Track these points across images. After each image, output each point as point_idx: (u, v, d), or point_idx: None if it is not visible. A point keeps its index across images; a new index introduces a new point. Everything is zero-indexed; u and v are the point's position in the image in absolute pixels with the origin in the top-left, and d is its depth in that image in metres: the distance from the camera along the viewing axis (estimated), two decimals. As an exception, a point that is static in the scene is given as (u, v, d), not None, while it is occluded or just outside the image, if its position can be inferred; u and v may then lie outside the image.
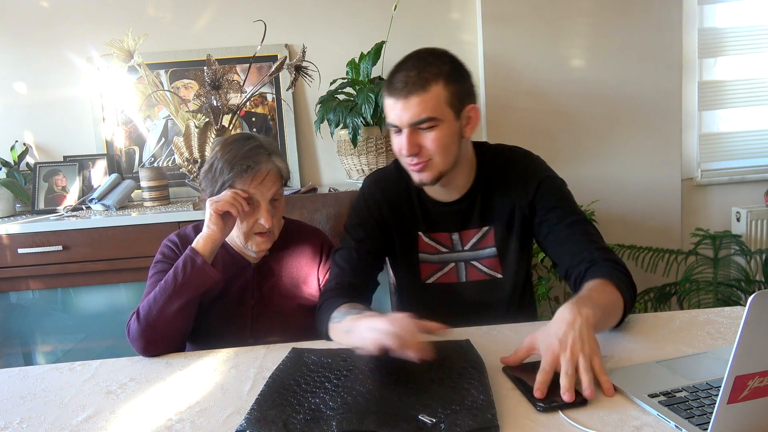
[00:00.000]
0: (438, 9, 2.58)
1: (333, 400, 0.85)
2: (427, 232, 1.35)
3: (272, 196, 1.29)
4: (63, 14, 2.53)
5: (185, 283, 1.19)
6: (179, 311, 1.18)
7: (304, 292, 1.39)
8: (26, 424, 0.91)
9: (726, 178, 2.70)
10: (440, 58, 1.21)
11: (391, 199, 1.35)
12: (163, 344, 1.18)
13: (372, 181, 1.39)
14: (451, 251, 1.34)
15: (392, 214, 1.34)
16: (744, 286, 2.39)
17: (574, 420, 0.81)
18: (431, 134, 1.18)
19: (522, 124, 2.56)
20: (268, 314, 1.34)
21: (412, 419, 0.79)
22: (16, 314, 2.34)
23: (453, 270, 1.35)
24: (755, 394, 0.69)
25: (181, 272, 1.20)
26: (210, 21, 2.56)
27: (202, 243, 1.23)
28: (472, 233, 1.34)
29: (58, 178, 2.44)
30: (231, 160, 1.25)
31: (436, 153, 1.19)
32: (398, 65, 1.21)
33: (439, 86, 1.16)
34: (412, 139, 1.18)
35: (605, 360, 0.98)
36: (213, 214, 1.23)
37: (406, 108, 1.16)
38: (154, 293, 1.20)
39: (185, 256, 1.22)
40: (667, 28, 2.53)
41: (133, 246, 2.14)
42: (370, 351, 0.92)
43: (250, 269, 1.37)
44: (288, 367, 0.98)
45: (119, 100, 2.56)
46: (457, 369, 0.93)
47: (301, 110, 2.63)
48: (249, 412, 0.84)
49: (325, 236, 1.47)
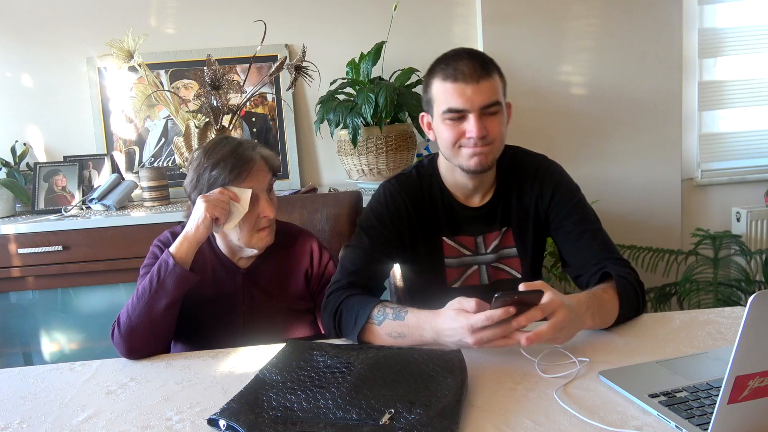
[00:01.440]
0: (438, 9, 2.58)
1: (307, 401, 0.85)
2: (452, 236, 1.34)
3: (267, 186, 1.30)
4: (64, 14, 2.53)
5: (160, 287, 1.17)
6: (158, 315, 1.17)
7: (294, 296, 1.38)
8: (26, 424, 0.91)
9: (726, 178, 2.70)
10: (486, 55, 1.28)
11: (415, 202, 1.34)
12: (146, 348, 1.17)
13: (395, 185, 1.36)
14: (475, 254, 1.35)
15: (416, 219, 1.33)
16: (744, 287, 2.39)
17: (574, 420, 0.81)
18: (496, 119, 1.23)
19: (522, 124, 2.56)
20: (259, 319, 1.33)
21: (373, 428, 0.79)
22: (16, 314, 2.34)
23: (476, 273, 1.35)
24: (755, 394, 0.69)
25: (156, 276, 1.18)
26: (210, 21, 2.56)
27: (178, 244, 1.22)
28: (494, 236, 1.35)
29: (58, 178, 2.44)
30: (219, 162, 1.25)
31: (498, 138, 1.24)
32: (454, 57, 1.23)
33: (497, 76, 1.24)
34: (481, 122, 1.21)
35: (606, 362, 0.98)
36: (208, 217, 1.21)
37: (477, 92, 1.20)
38: (132, 301, 1.19)
39: (161, 259, 1.21)
40: (667, 28, 2.53)
41: (133, 246, 2.13)
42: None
43: (240, 274, 1.36)
44: (279, 361, 0.98)
45: (119, 100, 2.56)
46: (437, 379, 0.91)
47: (301, 110, 2.63)
48: (227, 403, 0.86)
49: (314, 238, 1.45)
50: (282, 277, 1.38)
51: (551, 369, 0.97)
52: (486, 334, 0.94)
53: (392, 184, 1.36)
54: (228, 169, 1.24)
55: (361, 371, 0.91)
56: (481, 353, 1.02)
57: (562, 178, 1.35)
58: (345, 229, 1.66)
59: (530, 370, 0.97)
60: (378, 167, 2.28)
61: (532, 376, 0.95)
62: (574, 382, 0.93)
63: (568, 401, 0.86)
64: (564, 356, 1.01)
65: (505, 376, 0.96)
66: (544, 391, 0.90)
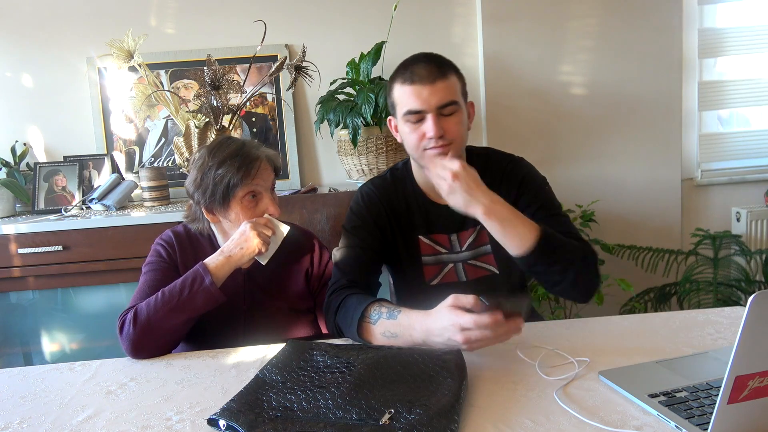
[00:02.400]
0: (438, 9, 2.57)
1: (307, 401, 0.85)
2: (427, 234, 1.37)
3: (270, 185, 1.32)
4: (64, 14, 2.53)
5: (190, 299, 1.17)
6: (179, 324, 1.17)
7: (295, 295, 1.38)
8: (26, 424, 0.91)
9: (726, 178, 2.70)
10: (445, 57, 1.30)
11: (390, 202, 1.38)
12: (153, 350, 1.17)
13: (370, 187, 1.42)
14: (450, 252, 1.37)
15: (393, 218, 1.37)
16: (744, 286, 2.39)
17: (574, 420, 0.81)
18: (453, 118, 1.26)
19: (522, 124, 2.56)
20: (260, 318, 1.34)
21: (373, 428, 0.79)
22: (16, 314, 2.34)
23: (452, 270, 1.37)
24: (755, 394, 0.69)
25: (188, 288, 1.17)
26: (210, 21, 2.56)
27: (219, 264, 1.21)
28: (468, 234, 1.37)
29: (59, 178, 2.44)
30: (225, 161, 1.26)
31: (457, 136, 1.26)
32: (412, 61, 1.28)
33: (454, 77, 1.27)
34: (438, 123, 1.24)
35: (606, 362, 0.97)
36: (258, 249, 1.22)
37: (433, 92, 1.23)
38: (155, 301, 1.17)
39: (195, 271, 1.20)
40: (667, 28, 2.53)
41: (133, 246, 2.13)
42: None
43: (241, 274, 1.36)
44: (279, 361, 0.98)
45: (119, 100, 2.56)
46: (437, 379, 0.91)
47: (301, 110, 2.63)
48: (227, 403, 0.86)
49: (315, 237, 1.46)
50: (283, 276, 1.38)
51: (551, 369, 0.97)
52: (474, 334, 0.95)
53: (368, 186, 1.43)
54: (235, 167, 1.25)
55: (361, 371, 0.91)
56: (481, 353, 1.02)
57: (528, 171, 1.39)
58: (345, 229, 1.66)
59: (530, 370, 0.97)
60: (378, 167, 2.28)
61: (532, 376, 0.95)
62: (574, 382, 0.93)
63: (568, 401, 0.86)
64: (564, 357, 1.01)
65: (505, 376, 0.96)
66: (543, 391, 0.90)
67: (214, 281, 1.18)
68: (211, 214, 1.32)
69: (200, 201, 1.30)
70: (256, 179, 1.28)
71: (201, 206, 1.31)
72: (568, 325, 1.19)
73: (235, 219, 1.29)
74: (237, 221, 1.29)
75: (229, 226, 1.32)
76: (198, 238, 1.39)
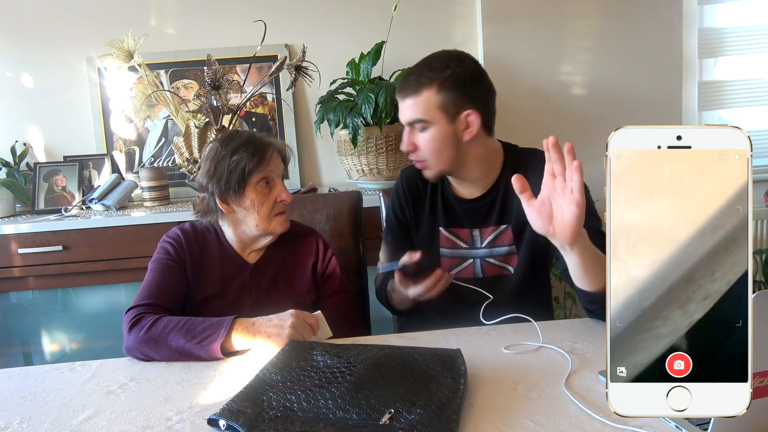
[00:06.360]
0: (438, 9, 2.57)
1: (307, 401, 0.85)
2: (448, 227, 1.39)
3: (281, 173, 1.35)
4: (64, 14, 2.53)
5: (199, 345, 1.10)
6: (181, 354, 1.12)
7: (301, 290, 1.39)
8: (26, 424, 0.91)
9: (726, 178, 2.70)
10: (445, 63, 1.26)
11: (413, 194, 1.43)
12: (149, 359, 1.13)
13: (401, 177, 1.47)
14: (470, 248, 1.37)
15: (413, 210, 1.42)
16: (744, 286, 2.39)
17: (574, 420, 0.81)
18: (423, 135, 1.27)
19: (522, 124, 2.56)
20: (265, 313, 1.33)
21: (373, 428, 0.79)
22: (16, 314, 2.34)
23: (470, 266, 1.38)
24: (755, 394, 0.69)
25: (208, 335, 1.10)
26: (210, 21, 2.56)
27: (244, 331, 1.11)
28: (489, 230, 1.37)
29: (59, 178, 2.44)
30: (239, 148, 1.29)
31: (429, 154, 1.28)
32: (413, 66, 1.31)
33: (431, 91, 1.24)
34: (409, 137, 1.28)
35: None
36: (288, 339, 1.09)
37: (402, 108, 1.28)
38: (178, 323, 1.12)
39: (221, 323, 1.12)
40: (668, 28, 2.53)
41: (133, 246, 2.14)
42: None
43: (248, 269, 1.37)
44: (279, 360, 0.98)
45: (119, 100, 2.56)
46: (437, 379, 0.91)
47: (301, 110, 2.63)
48: (227, 403, 0.86)
49: (319, 235, 1.48)
50: (289, 271, 1.40)
51: (551, 369, 0.97)
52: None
53: (401, 175, 1.48)
54: (249, 153, 1.28)
55: (361, 371, 0.91)
56: (481, 354, 1.02)
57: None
58: (345, 229, 1.67)
59: (530, 370, 0.97)
60: (378, 167, 2.28)
61: (532, 376, 0.95)
62: (574, 382, 0.93)
63: (569, 401, 0.86)
64: (564, 356, 1.01)
65: (505, 376, 0.96)
66: (544, 391, 0.90)
67: (224, 345, 1.11)
68: (225, 203, 1.32)
69: (214, 191, 1.30)
70: (269, 165, 1.31)
71: (215, 196, 1.31)
72: (568, 324, 1.19)
73: (250, 206, 1.31)
74: (252, 208, 1.31)
75: (243, 215, 1.33)
76: (205, 235, 1.39)
